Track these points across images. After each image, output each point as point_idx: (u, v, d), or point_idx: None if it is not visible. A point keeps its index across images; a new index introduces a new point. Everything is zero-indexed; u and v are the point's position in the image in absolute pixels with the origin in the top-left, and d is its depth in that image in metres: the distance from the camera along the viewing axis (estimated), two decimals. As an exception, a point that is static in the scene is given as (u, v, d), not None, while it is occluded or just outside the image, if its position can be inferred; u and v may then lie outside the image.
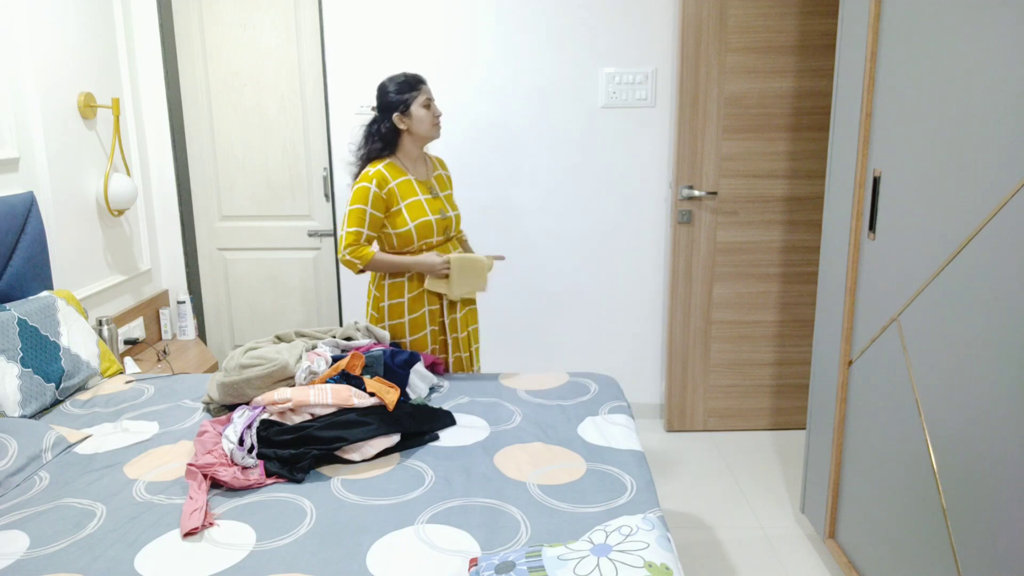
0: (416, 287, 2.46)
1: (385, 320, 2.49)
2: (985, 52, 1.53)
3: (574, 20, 3.18)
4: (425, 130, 2.40)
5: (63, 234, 2.77)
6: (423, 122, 2.39)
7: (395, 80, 2.39)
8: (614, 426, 2.05)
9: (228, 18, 3.32)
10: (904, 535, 1.89)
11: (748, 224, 3.23)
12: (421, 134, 2.41)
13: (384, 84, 2.40)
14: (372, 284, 2.52)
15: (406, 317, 2.47)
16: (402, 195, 2.38)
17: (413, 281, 2.46)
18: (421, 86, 2.39)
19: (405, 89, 2.37)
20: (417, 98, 2.37)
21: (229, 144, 3.44)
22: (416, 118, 2.38)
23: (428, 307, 2.48)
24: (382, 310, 2.49)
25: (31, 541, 1.54)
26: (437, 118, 2.42)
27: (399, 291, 2.46)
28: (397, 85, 2.37)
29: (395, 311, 2.47)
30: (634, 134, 3.27)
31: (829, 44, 3.07)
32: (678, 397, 3.39)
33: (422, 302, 2.47)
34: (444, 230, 2.48)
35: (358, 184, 2.36)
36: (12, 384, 2.13)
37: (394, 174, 2.38)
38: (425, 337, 2.50)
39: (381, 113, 2.41)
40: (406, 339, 2.48)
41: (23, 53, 2.56)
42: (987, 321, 1.53)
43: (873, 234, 2.04)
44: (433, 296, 2.49)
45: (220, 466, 1.76)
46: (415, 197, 2.40)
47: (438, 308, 2.51)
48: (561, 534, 1.53)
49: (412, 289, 2.46)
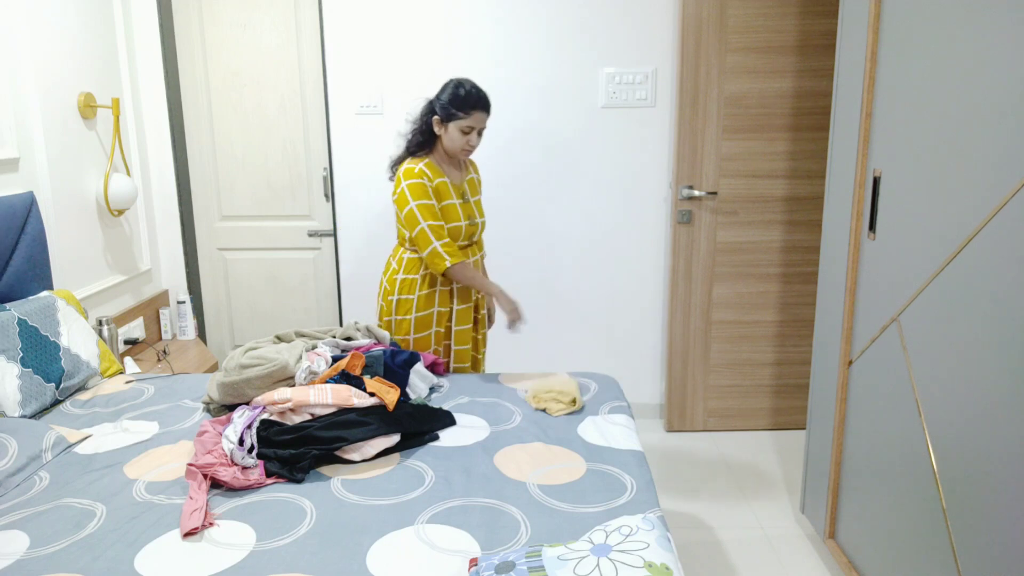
0: (428, 286, 2.46)
1: (392, 314, 2.49)
2: (985, 52, 1.53)
3: (574, 20, 3.18)
4: (451, 150, 2.40)
5: (63, 234, 2.77)
6: (454, 142, 2.37)
7: (462, 87, 2.32)
8: (614, 426, 2.05)
9: (228, 18, 3.32)
10: (904, 535, 1.89)
11: (748, 224, 3.23)
12: (447, 150, 2.41)
13: (451, 84, 2.35)
14: (385, 277, 2.53)
15: (413, 315, 2.47)
16: (439, 196, 2.38)
17: (425, 280, 2.46)
18: (476, 113, 2.32)
19: (460, 105, 2.31)
20: (462, 120, 2.32)
21: (229, 144, 3.44)
22: (449, 135, 2.37)
23: (438, 308, 2.49)
24: (391, 303, 2.50)
25: (31, 541, 1.54)
26: (470, 147, 2.39)
27: (411, 288, 2.46)
28: (456, 97, 2.31)
29: (403, 306, 2.48)
30: (634, 134, 3.27)
31: (829, 44, 3.07)
32: (678, 397, 3.39)
33: (432, 302, 2.48)
34: (470, 236, 2.50)
35: (412, 179, 2.33)
36: (12, 384, 2.13)
37: (434, 174, 2.38)
38: (429, 337, 2.50)
39: (432, 106, 2.39)
40: (410, 336, 2.49)
41: (23, 53, 2.56)
42: (987, 321, 1.53)
43: (873, 234, 2.04)
44: (444, 297, 2.49)
45: (220, 466, 1.76)
46: (450, 200, 2.40)
47: (447, 311, 2.52)
48: (561, 534, 1.53)
49: (424, 287, 2.46)
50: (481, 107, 2.32)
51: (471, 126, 2.33)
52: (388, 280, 2.51)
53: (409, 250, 2.48)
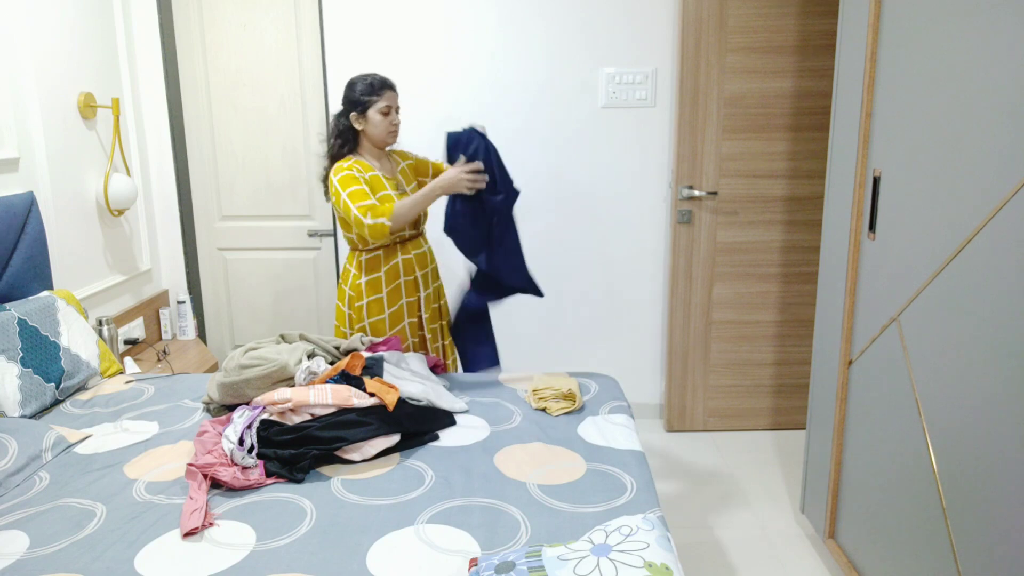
0: (392, 280, 2.48)
1: (364, 319, 2.48)
2: (985, 52, 1.53)
3: (574, 20, 3.18)
4: (379, 136, 2.43)
5: (63, 234, 2.77)
6: (377, 127, 2.41)
7: (363, 79, 2.41)
8: (614, 426, 2.05)
9: (228, 18, 3.32)
10: (904, 535, 1.89)
11: (748, 224, 3.23)
12: (375, 138, 2.44)
13: (352, 81, 2.43)
14: (346, 285, 2.51)
15: (386, 312, 2.48)
16: (374, 189, 2.40)
17: (389, 275, 2.47)
18: (385, 91, 2.40)
19: (368, 91, 2.39)
20: (376, 103, 2.39)
21: (229, 144, 3.44)
22: (371, 122, 2.41)
23: (406, 299, 2.51)
24: (360, 310, 2.48)
25: (31, 541, 1.54)
26: (394, 127, 2.44)
27: (377, 287, 2.47)
28: (363, 86, 2.40)
29: (374, 308, 2.48)
30: (634, 134, 3.27)
31: (829, 44, 3.07)
32: (678, 397, 3.39)
33: (400, 295, 2.50)
34: (415, 225, 2.55)
35: (341, 173, 2.35)
36: (12, 384, 2.13)
37: (364, 168, 2.41)
38: (404, 330, 2.52)
39: (343, 107, 2.45)
40: (386, 335, 2.50)
41: (23, 53, 2.56)
42: (987, 321, 1.53)
43: (873, 234, 2.04)
44: (410, 287, 2.52)
45: (220, 466, 1.76)
46: (385, 191, 2.42)
47: (415, 300, 2.54)
48: (561, 534, 1.53)
49: (389, 282, 2.47)
50: (388, 86, 2.42)
51: (388, 104, 2.40)
52: (352, 287, 2.49)
53: (364, 251, 2.48)
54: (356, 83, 2.41)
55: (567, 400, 2.18)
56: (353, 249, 2.50)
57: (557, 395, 2.19)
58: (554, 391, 2.19)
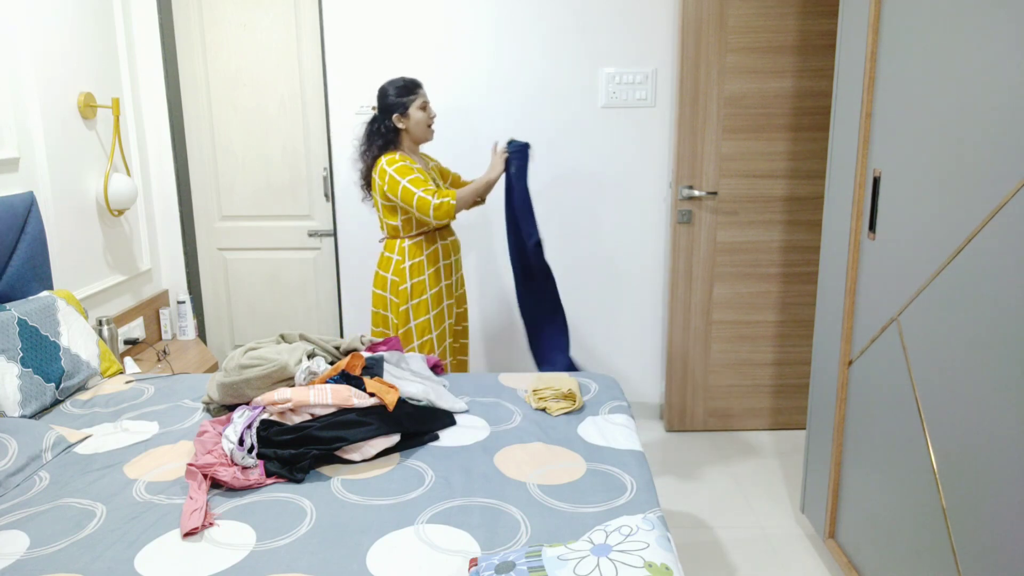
0: (433, 264, 2.68)
1: (409, 300, 2.64)
2: (985, 52, 1.53)
3: (574, 20, 3.18)
4: (421, 131, 2.68)
5: (63, 234, 2.77)
6: (420, 123, 2.66)
7: (395, 84, 2.65)
8: (614, 426, 2.05)
9: (228, 18, 3.32)
10: (904, 535, 1.89)
11: (748, 224, 3.23)
12: (417, 135, 2.68)
13: (385, 87, 2.66)
14: (388, 272, 2.67)
15: (428, 293, 2.65)
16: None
17: (431, 258, 2.68)
18: (418, 90, 2.65)
19: (404, 93, 2.63)
20: (415, 101, 2.64)
21: (229, 144, 3.44)
22: (413, 120, 2.65)
23: (444, 282, 2.73)
24: (405, 292, 2.64)
25: (31, 541, 1.54)
26: (432, 119, 2.69)
27: (420, 270, 2.65)
28: (396, 89, 2.64)
29: (418, 289, 2.65)
30: (634, 134, 3.27)
31: (829, 44, 3.07)
32: (678, 397, 3.39)
33: (439, 278, 2.71)
34: None
35: (396, 164, 2.56)
36: (12, 384, 2.13)
37: (411, 162, 2.62)
38: (442, 312, 2.70)
39: (382, 114, 2.67)
40: (430, 314, 2.64)
41: (23, 53, 2.56)
42: (987, 321, 1.53)
43: (873, 234, 2.04)
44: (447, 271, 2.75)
45: (220, 466, 1.76)
46: (428, 184, 2.58)
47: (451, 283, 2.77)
48: (561, 534, 1.53)
49: (430, 265, 2.68)
50: (418, 84, 2.67)
51: (424, 101, 2.66)
52: (395, 272, 2.66)
53: (407, 237, 2.65)
54: (388, 89, 2.64)
55: (567, 400, 2.18)
56: (393, 237, 2.68)
57: (557, 395, 2.19)
58: (554, 391, 2.19)
